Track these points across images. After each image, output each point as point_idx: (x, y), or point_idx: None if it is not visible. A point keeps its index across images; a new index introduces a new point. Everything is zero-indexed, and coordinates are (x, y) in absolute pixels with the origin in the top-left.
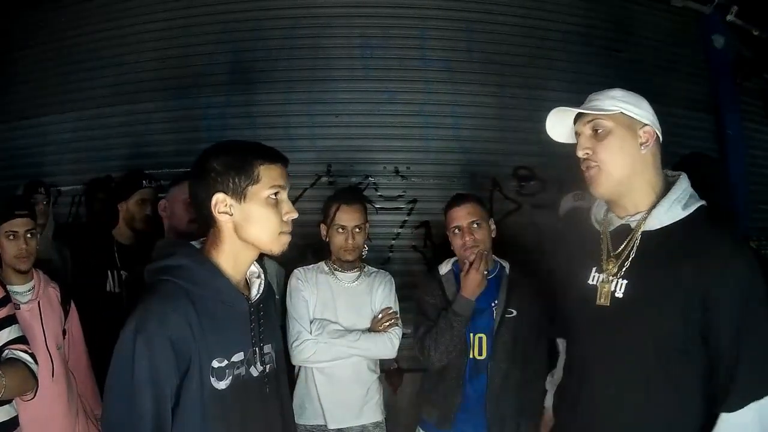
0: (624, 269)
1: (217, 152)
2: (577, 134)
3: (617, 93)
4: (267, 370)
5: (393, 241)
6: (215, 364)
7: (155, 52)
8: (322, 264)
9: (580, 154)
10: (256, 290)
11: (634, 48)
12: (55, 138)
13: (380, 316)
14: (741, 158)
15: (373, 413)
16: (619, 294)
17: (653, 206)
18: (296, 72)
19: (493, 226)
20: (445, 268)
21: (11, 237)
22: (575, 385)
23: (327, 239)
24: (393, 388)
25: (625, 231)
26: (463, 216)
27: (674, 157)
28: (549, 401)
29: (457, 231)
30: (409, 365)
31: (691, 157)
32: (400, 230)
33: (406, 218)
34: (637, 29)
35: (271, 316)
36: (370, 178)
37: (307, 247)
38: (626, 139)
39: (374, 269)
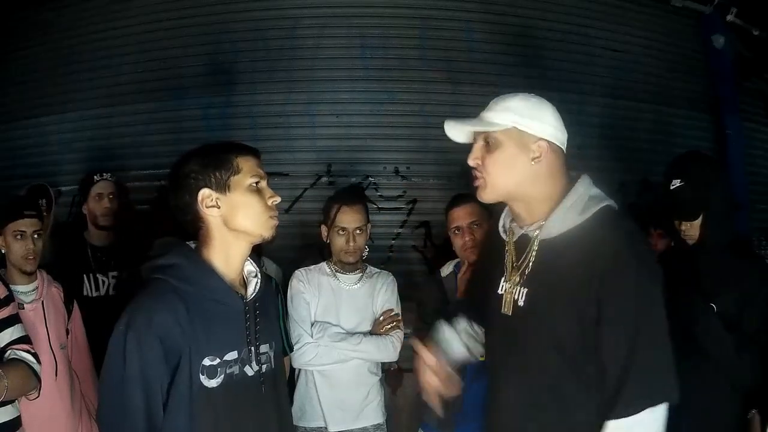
0: (524, 278)
1: (192, 156)
2: (474, 140)
3: (515, 104)
4: (263, 370)
5: (393, 241)
6: (206, 362)
7: (155, 52)
8: (323, 265)
9: (471, 163)
10: (252, 289)
11: (634, 48)
12: (55, 138)
13: (382, 318)
14: (741, 158)
15: (374, 415)
16: (521, 302)
17: (549, 215)
18: (296, 72)
19: None
20: (446, 270)
21: (18, 237)
22: (490, 393)
23: (328, 240)
24: (392, 389)
25: (526, 241)
26: (463, 216)
27: (673, 157)
28: None
29: (457, 231)
30: (410, 365)
31: (687, 156)
32: (400, 230)
33: (406, 218)
34: (637, 29)
35: (269, 316)
36: (370, 178)
37: (310, 246)
38: (516, 155)
39: (376, 270)
